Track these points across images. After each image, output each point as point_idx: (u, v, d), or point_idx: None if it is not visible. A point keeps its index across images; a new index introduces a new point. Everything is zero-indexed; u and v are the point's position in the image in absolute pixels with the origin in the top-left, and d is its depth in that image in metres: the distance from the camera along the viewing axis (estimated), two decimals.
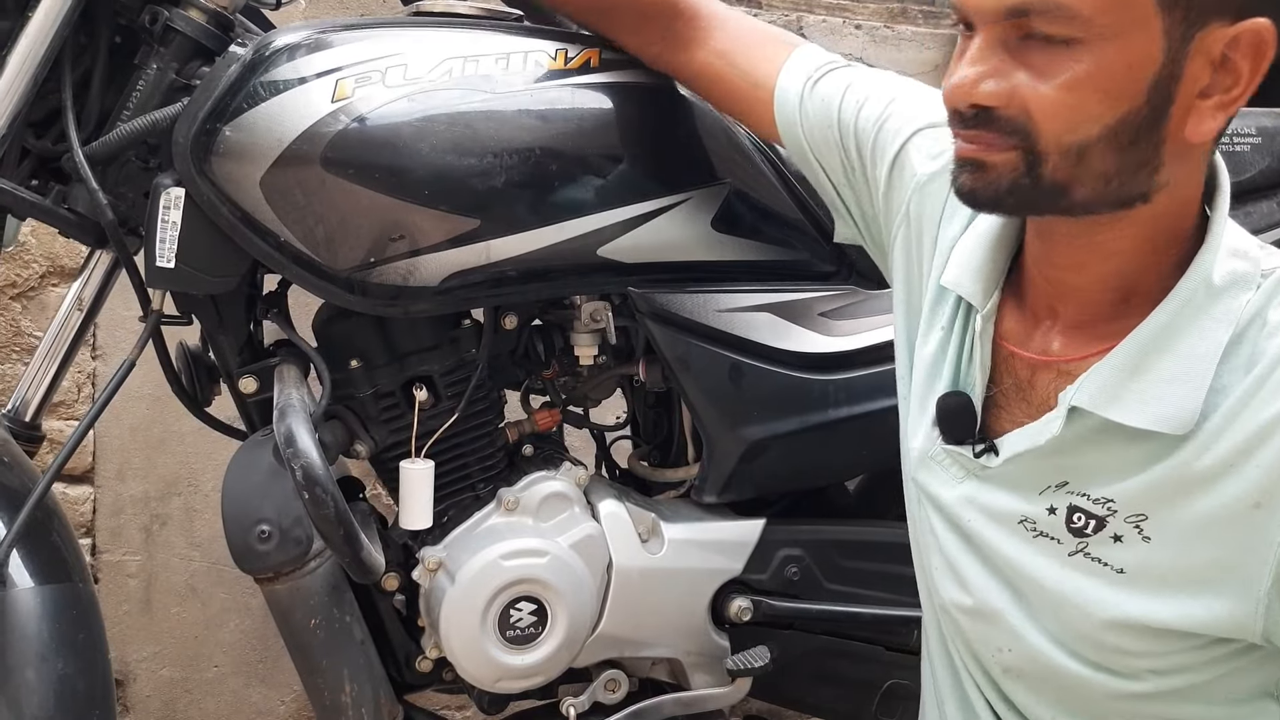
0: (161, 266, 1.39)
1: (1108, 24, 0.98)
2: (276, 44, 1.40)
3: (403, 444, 1.53)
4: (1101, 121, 1.01)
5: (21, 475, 1.44)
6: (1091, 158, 1.02)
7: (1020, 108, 1.02)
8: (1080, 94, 1.00)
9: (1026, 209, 1.10)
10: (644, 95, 1.50)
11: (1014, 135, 1.03)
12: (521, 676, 1.52)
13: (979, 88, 1.04)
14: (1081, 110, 1.01)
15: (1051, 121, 1.01)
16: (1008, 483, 1.17)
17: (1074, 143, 1.02)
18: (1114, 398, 1.07)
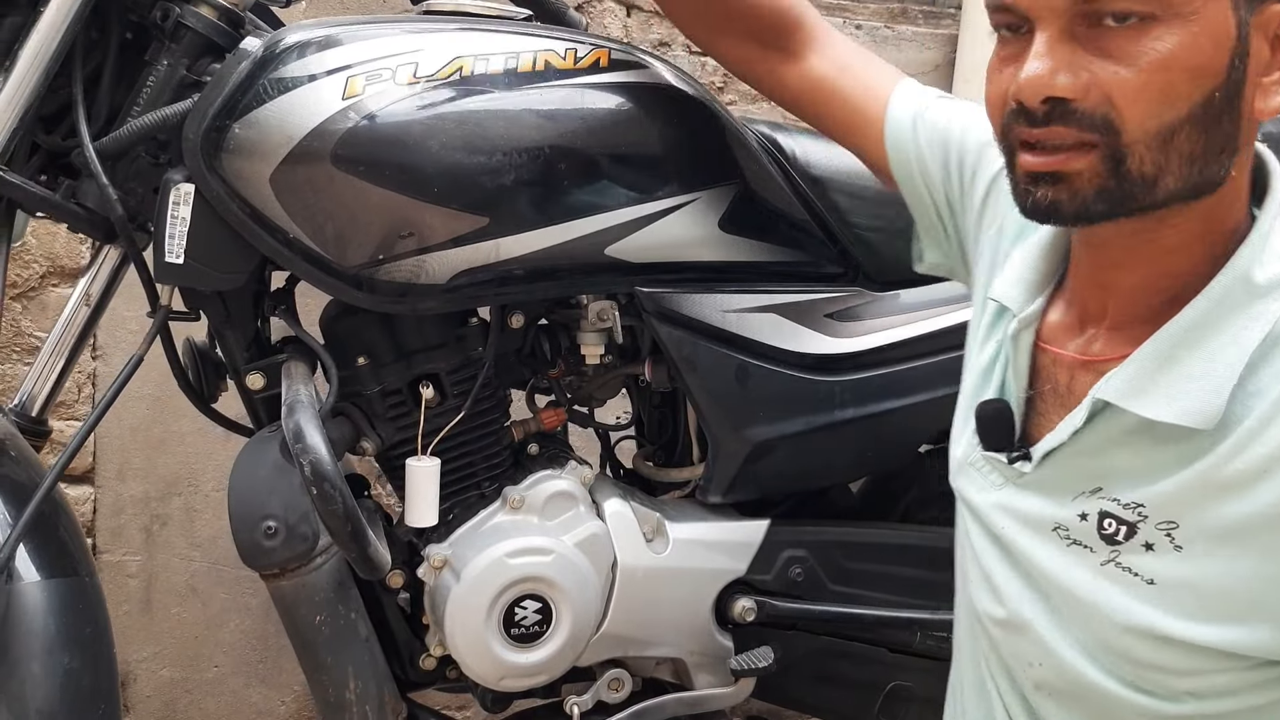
0: (170, 262, 1.39)
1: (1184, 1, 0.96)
2: (287, 41, 1.40)
3: (409, 441, 1.54)
4: (1190, 100, 0.98)
5: (28, 470, 1.44)
6: (1179, 140, 0.98)
7: (1100, 98, 0.98)
8: (1169, 74, 0.97)
9: (1114, 213, 1.03)
10: (653, 95, 1.50)
11: (1094, 130, 0.99)
12: (526, 675, 1.52)
13: (1056, 79, 0.99)
14: (1171, 91, 0.97)
15: (1136, 106, 0.97)
16: (1042, 488, 1.14)
17: (1160, 127, 0.98)
18: (1140, 391, 1.05)
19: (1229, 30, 0.97)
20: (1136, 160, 0.99)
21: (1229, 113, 0.99)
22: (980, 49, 2.84)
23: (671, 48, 2.75)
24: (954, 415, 1.31)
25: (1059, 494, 1.12)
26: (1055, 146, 1.01)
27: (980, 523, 1.21)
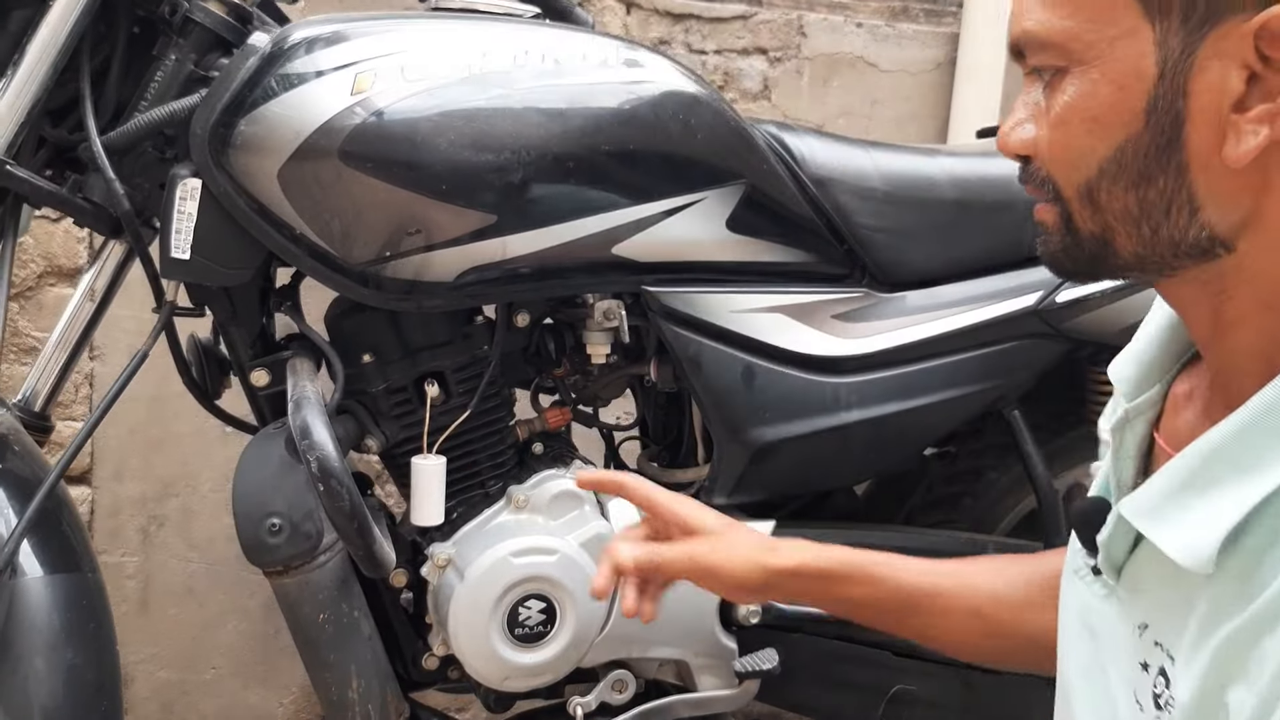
0: (176, 257, 1.39)
1: (1087, 46, 0.86)
2: (295, 37, 1.40)
3: (414, 439, 1.53)
4: (1096, 154, 0.87)
5: (33, 465, 1.44)
6: (1102, 198, 0.88)
7: (1037, 155, 0.92)
8: (1067, 127, 0.88)
9: (1089, 272, 0.95)
10: (661, 94, 1.50)
11: (1041, 187, 0.92)
12: (529, 675, 1.52)
13: (1009, 137, 0.94)
14: (1073, 145, 0.88)
15: (1054, 163, 0.90)
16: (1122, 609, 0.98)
17: (1081, 183, 0.89)
18: (1155, 510, 0.90)
19: (1144, 70, 0.84)
20: (1080, 219, 0.91)
21: (1163, 165, 0.85)
22: (981, 48, 2.85)
23: (672, 46, 2.76)
24: None
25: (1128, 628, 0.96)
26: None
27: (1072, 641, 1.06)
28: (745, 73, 2.86)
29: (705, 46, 2.82)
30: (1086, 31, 0.85)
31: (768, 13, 2.87)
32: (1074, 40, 0.86)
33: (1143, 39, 0.84)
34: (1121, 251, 0.90)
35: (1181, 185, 0.86)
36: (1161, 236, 0.87)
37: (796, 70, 2.90)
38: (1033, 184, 0.93)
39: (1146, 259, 0.89)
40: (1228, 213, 0.86)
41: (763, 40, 2.86)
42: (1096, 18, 0.85)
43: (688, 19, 2.80)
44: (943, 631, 1.30)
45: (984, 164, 1.67)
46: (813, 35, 2.87)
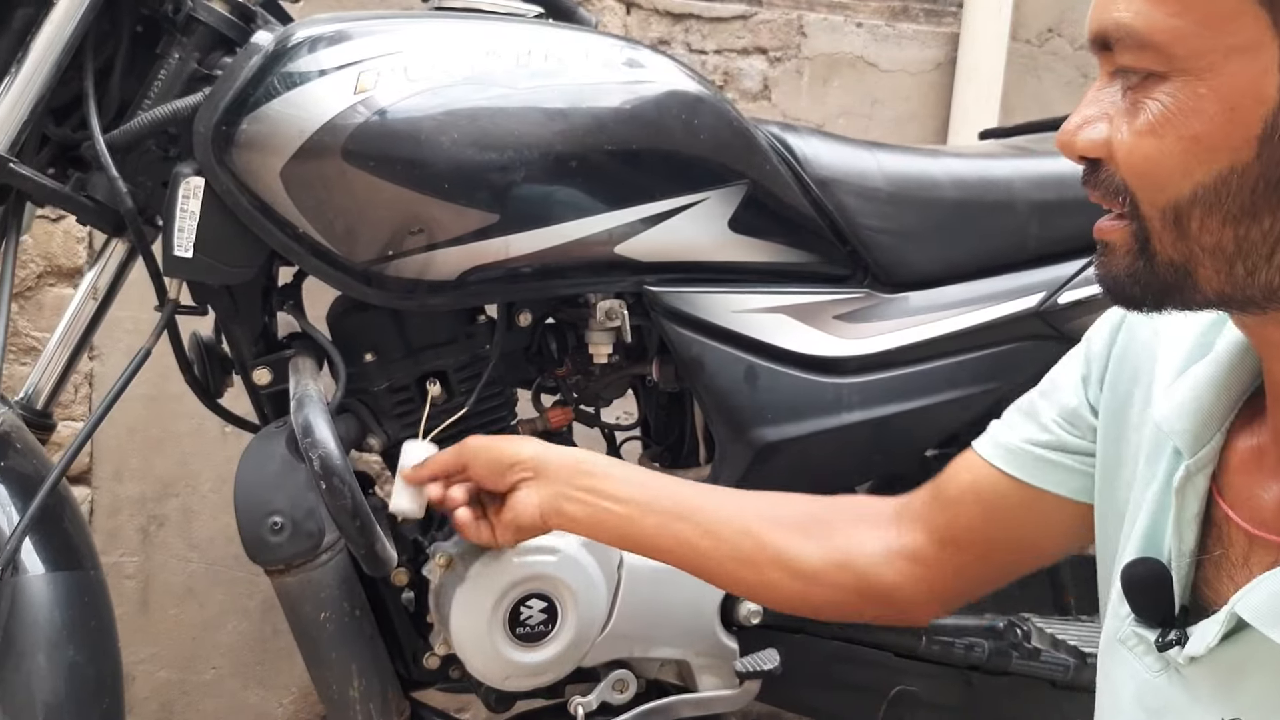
0: (179, 256, 1.39)
1: (1196, 53, 0.76)
2: (298, 36, 1.41)
3: (416, 438, 1.53)
4: (1192, 178, 0.78)
5: (35, 462, 1.44)
6: (1191, 227, 0.79)
7: (1113, 160, 0.83)
8: (1160, 141, 0.79)
9: (1162, 302, 0.85)
10: (664, 94, 1.50)
11: (1116, 196, 0.83)
12: (530, 674, 1.52)
13: (1078, 135, 0.85)
14: (1164, 162, 0.79)
15: (1135, 176, 0.81)
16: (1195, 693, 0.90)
17: (1167, 204, 0.80)
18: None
19: (1261, 92, 0.75)
20: (1158, 241, 0.82)
21: (1274, 201, 0.77)
22: (981, 48, 2.85)
23: (672, 45, 2.76)
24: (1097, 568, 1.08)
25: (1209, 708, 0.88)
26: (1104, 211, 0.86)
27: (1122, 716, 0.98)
28: (745, 72, 2.86)
29: (705, 46, 2.82)
30: (1197, 36, 0.76)
31: (767, 12, 2.87)
32: (1181, 44, 0.77)
33: (1266, 56, 0.75)
34: (1205, 286, 0.81)
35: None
36: (1258, 280, 0.79)
37: (796, 70, 2.90)
38: (1103, 191, 0.84)
39: (1233, 298, 0.81)
40: None
41: (763, 40, 2.87)
42: (1211, 22, 0.76)
43: (688, 19, 2.80)
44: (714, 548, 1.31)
45: (987, 165, 1.67)
46: (813, 35, 2.87)
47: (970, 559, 1.22)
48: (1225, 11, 0.75)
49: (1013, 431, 1.17)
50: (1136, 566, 0.94)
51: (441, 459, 1.41)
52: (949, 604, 1.29)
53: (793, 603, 1.32)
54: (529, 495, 1.36)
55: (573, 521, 1.36)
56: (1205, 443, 0.92)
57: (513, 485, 1.37)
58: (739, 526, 1.31)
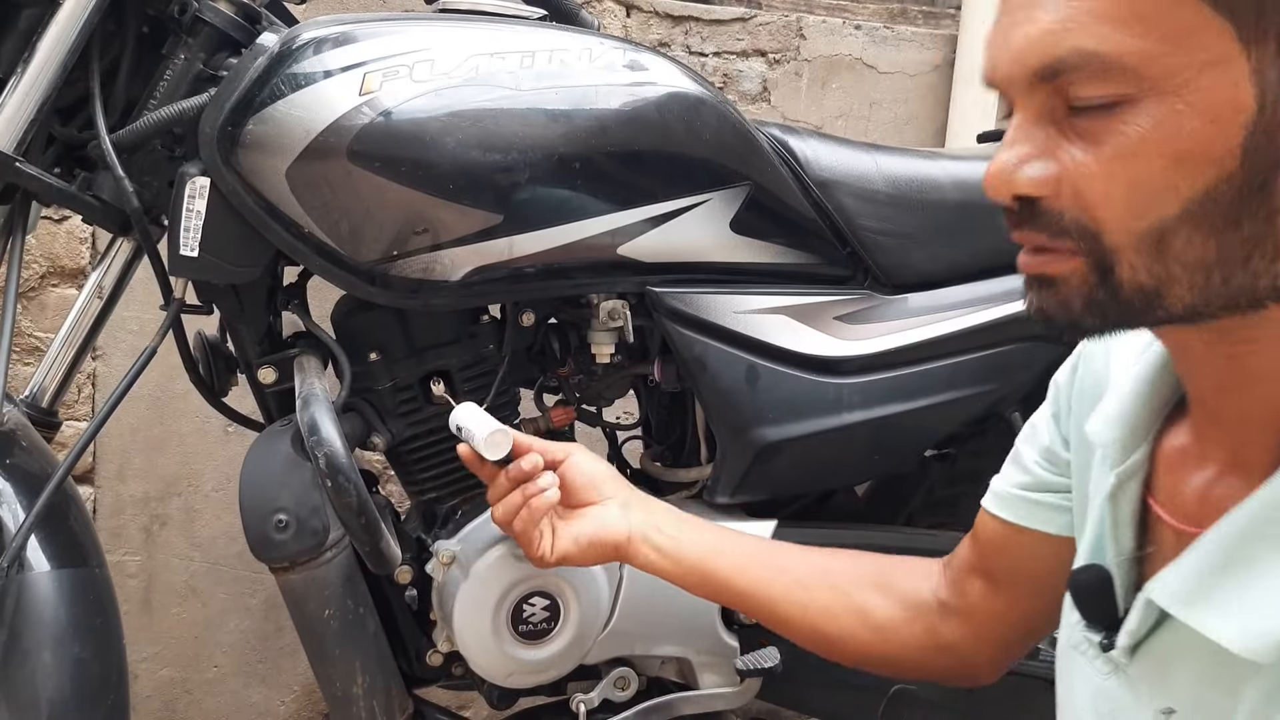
0: (185, 255, 1.40)
1: (1167, 71, 0.76)
2: (303, 37, 1.41)
3: (419, 437, 1.55)
4: (1180, 197, 0.77)
5: (40, 460, 1.44)
6: (1175, 246, 0.78)
7: (1072, 195, 0.81)
8: (1140, 164, 0.77)
9: (1117, 326, 0.85)
10: (666, 96, 1.50)
11: (1069, 234, 0.81)
12: (533, 671, 1.53)
13: (1019, 174, 0.83)
14: (1150, 184, 0.77)
15: (1112, 205, 0.79)
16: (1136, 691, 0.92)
17: (1147, 228, 0.78)
18: (1196, 597, 0.83)
19: (1243, 103, 0.75)
20: (1127, 268, 0.80)
21: (1252, 209, 0.77)
22: (979, 50, 2.85)
23: (671, 48, 2.77)
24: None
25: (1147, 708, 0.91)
26: (1039, 248, 0.85)
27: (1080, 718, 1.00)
28: (744, 75, 2.87)
29: (704, 49, 2.83)
30: (1167, 55, 0.76)
31: (767, 15, 2.88)
32: (1152, 64, 0.76)
33: (1236, 67, 0.75)
34: (1173, 304, 0.81)
35: (1269, 230, 0.77)
36: (1231, 286, 0.79)
37: (795, 72, 2.91)
38: (1048, 231, 0.83)
39: (1198, 310, 0.81)
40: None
41: (761, 42, 2.87)
42: (1177, 40, 0.75)
43: (687, 21, 2.81)
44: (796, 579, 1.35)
45: (986, 167, 1.68)
46: (811, 37, 2.88)
47: (1004, 605, 1.25)
48: (1189, 27, 0.75)
49: (1005, 479, 1.21)
50: (1081, 574, 0.97)
51: (543, 443, 1.40)
52: (1005, 651, 1.31)
53: (869, 656, 1.35)
54: (620, 514, 1.38)
55: (660, 553, 1.38)
56: (1134, 450, 0.95)
57: (602, 499, 1.39)
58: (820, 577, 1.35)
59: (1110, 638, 0.94)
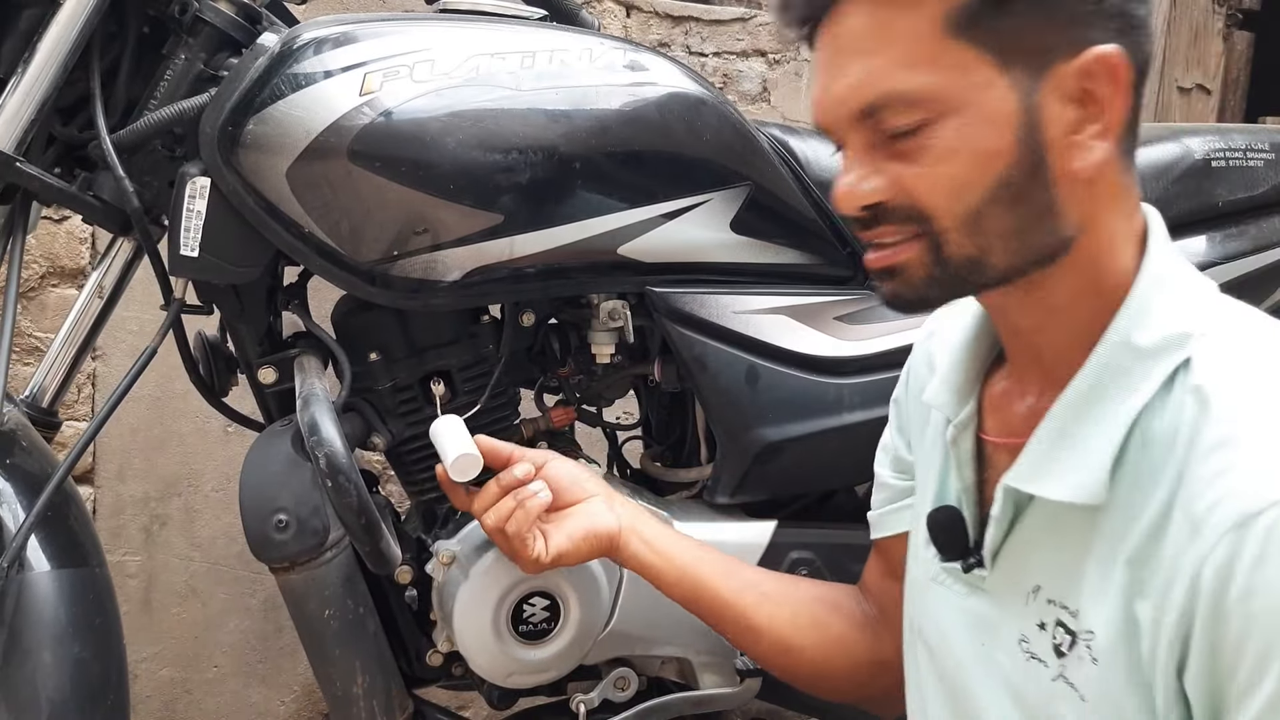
0: (185, 255, 1.40)
1: (954, 95, 1.00)
2: (304, 37, 1.41)
3: (419, 437, 1.55)
4: (983, 183, 1.01)
5: (41, 460, 1.45)
6: (987, 220, 1.02)
7: (905, 194, 1.03)
8: (953, 163, 1.01)
9: (954, 294, 1.09)
10: (666, 96, 1.51)
11: (910, 222, 1.04)
12: (533, 671, 1.52)
13: (861, 188, 1.06)
14: (960, 177, 1.01)
15: (936, 196, 1.02)
16: (999, 594, 1.11)
17: (965, 210, 1.02)
18: (1041, 472, 1.05)
19: (1009, 110, 1.00)
20: (954, 245, 1.03)
21: (1035, 183, 1.01)
22: None
23: (671, 48, 2.77)
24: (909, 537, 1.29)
25: (1014, 600, 1.09)
26: (886, 243, 1.06)
27: (951, 642, 1.17)
28: (744, 75, 2.88)
29: (704, 49, 2.83)
30: (951, 85, 1.00)
31: (766, 15, 2.88)
32: (941, 93, 1.00)
33: (999, 85, 1.00)
34: (994, 269, 1.04)
35: (1049, 200, 1.02)
36: (1030, 247, 1.03)
37: (795, 72, 2.91)
38: (894, 224, 1.05)
39: (1012, 272, 1.05)
40: (1074, 218, 1.03)
41: (761, 43, 2.88)
42: (955, 73, 1.00)
43: (687, 21, 2.81)
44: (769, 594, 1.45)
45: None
46: None
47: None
48: (961, 62, 1.00)
49: (875, 504, 1.42)
50: (936, 514, 1.18)
51: (524, 449, 1.44)
52: None
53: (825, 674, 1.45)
54: (606, 507, 1.44)
55: (646, 544, 1.44)
56: (966, 401, 1.18)
57: (586, 495, 1.44)
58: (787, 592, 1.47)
59: (969, 562, 1.13)
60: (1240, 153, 1.75)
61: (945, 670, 1.18)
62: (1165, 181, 1.72)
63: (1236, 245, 1.76)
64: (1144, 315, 1.03)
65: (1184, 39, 3.68)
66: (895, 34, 1.01)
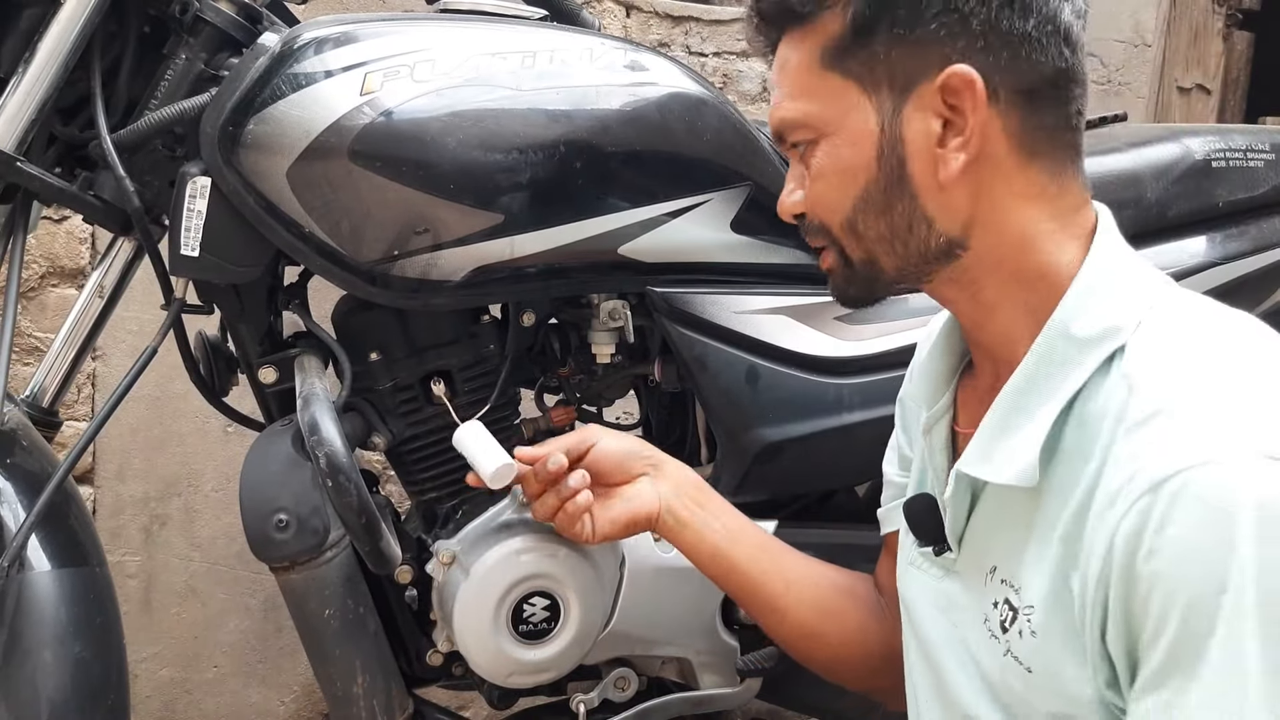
0: (186, 255, 1.40)
1: (828, 119, 1.14)
2: (304, 37, 1.42)
3: (420, 437, 1.55)
4: (849, 196, 1.14)
5: (41, 460, 1.45)
6: (862, 228, 1.15)
7: (811, 209, 1.18)
8: (825, 180, 1.15)
9: (870, 294, 1.22)
10: (667, 96, 1.51)
11: (819, 234, 1.19)
12: (533, 671, 1.52)
13: (787, 200, 1.21)
14: (831, 194, 1.15)
15: (821, 211, 1.17)
16: (966, 577, 1.19)
17: (841, 221, 1.16)
18: (986, 456, 1.12)
19: (869, 130, 1.12)
20: (850, 250, 1.17)
21: (899, 194, 1.12)
22: None
23: (671, 48, 2.77)
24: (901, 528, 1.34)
25: (977, 581, 1.16)
26: (820, 248, 1.22)
27: (929, 624, 1.24)
28: (744, 75, 2.88)
29: (704, 49, 2.83)
30: (824, 110, 1.14)
31: None
32: (816, 118, 1.14)
33: (865, 109, 1.12)
34: (887, 269, 1.17)
35: (915, 207, 1.12)
36: (911, 249, 1.14)
37: None
38: (811, 235, 1.21)
39: (906, 271, 1.16)
40: (954, 220, 1.12)
41: None
42: (829, 100, 1.13)
43: (687, 21, 2.81)
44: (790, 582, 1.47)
45: None
46: None
47: None
48: (834, 92, 1.13)
49: (884, 501, 1.46)
50: (912, 502, 1.26)
51: (564, 439, 1.45)
52: None
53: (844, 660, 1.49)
54: (650, 487, 1.45)
55: (681, 525, 1.45)
56: (939, 398, 1.26)
57: (632, 476, 1.45)
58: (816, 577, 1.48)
59: (939, 547, 1.22)
60: (1240, 153, 1.75)
61: (927, 652, 1.24)
62: (1165, 182, 1.72)
63: (1237, 245, 1.76)
64: (1084, 307, 1.09)
65: (1184, 39, 3.67)
66: (790, 69, 1.17)
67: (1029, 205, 1.12)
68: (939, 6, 1.08)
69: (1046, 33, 1.09)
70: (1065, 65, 1.11)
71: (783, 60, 1.18)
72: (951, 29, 1.08)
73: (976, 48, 1.08)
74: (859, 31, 1.11)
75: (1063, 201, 1.13)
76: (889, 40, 1.10)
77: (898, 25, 1.10)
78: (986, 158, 1.10)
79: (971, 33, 1.08)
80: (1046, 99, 1.11)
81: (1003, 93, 1.09)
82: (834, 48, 1.12)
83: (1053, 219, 1.12)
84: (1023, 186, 1.12)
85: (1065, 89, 1.12)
